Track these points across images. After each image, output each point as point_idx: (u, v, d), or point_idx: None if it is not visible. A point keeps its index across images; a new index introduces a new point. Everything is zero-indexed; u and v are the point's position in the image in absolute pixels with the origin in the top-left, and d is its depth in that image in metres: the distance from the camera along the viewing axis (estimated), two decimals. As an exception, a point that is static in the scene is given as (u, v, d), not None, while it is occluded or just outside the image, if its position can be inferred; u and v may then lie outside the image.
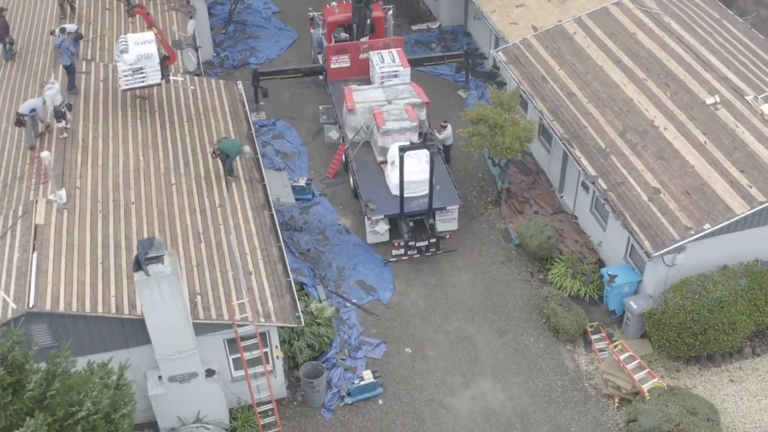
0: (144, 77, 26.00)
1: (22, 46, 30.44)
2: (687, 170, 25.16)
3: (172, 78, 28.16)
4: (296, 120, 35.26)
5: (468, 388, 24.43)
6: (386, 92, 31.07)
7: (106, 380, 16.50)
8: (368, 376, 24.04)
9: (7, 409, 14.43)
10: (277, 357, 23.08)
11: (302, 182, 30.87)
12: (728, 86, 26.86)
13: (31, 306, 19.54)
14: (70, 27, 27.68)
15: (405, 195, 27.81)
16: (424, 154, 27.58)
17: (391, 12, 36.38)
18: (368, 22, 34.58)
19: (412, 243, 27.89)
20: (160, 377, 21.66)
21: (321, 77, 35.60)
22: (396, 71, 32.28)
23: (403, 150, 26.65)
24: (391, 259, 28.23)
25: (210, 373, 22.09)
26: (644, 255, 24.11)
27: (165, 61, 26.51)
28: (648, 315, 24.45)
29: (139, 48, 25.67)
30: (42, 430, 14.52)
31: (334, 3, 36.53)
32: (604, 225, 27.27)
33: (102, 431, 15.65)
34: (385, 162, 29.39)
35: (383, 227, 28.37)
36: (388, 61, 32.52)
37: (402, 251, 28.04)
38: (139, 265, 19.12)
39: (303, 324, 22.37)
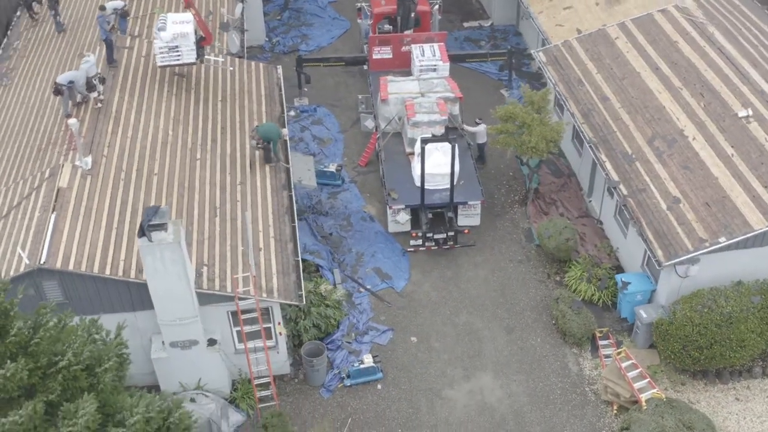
0: (179, 55, 26.83)
1: (75, 19, 31.71)
2: (710, 182, 24.82)
3: (213, 58, 29.02)
4: (338, 108, 35.83)
5: (468, 381, 24.61)
6: (421, 85, 31.40)
7: (94, 335, 17.19)
8: (368, 360, 24.45)
9: (-10, 351, 15.19)
10: (280, 333, 23.63)
11: (333, 168, 31.41)
12: (763, 100, 26.36)
13: (42, 262, 20.51)
14: (117, 4, 28.75)
15: (428, 187, 28.10)
16: (450, 148, 27.76)
17: (437, 7, 36.66)
18: (413, 15, 34.94)
19: (430, 234, 28.16)
20: (163, 342, 22.46)
21: (365, 67, 36.08)
22: (435, 65, 32.54)
23: (425, 142, 26.95)
24: (409, 249, 28.57)
25: (212, 342, 22.78)
26: (656, 263, 23.92)
27: (201, 42, 27.31)
28: (656, 325, 24.23)
29: (176, 27, 26.52)
30: (23, 374, 15.26)
31: (382, -6, 37.00)
32: (625, 231, 27.07)
33: (83, 382, 16.28)
34: (413, 153, 29.71)
35: (404, 217, 28.72)
36: (428, 55, 32.81)
37: (420, 242, 28.35)
38: (143, 231, 19.90)
39: (304, 303, 22.87)
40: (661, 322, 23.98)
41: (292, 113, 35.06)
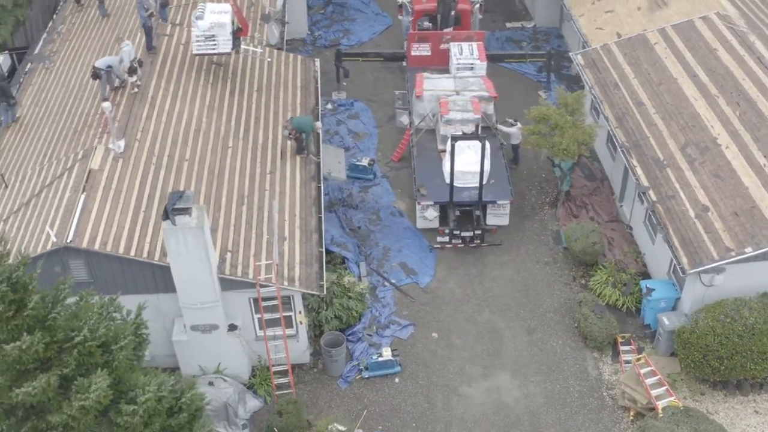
0: (215, 45, 27.25)
1: (119, 5, 32.37)
2: (740, 191, 24.52)
3: (251, 49, 29.43)
4: (375, 103, 36.05)
5: (486, 379, 24.66)
6: (456, 83, 31.47)
7: (112, 313, 17.58)
8: (387, 353, 24.62)
9: (8, 323, 15.64)
10: (301, 322, 23.90)
11: (365, 162, 31.64)
12: (801, 111, 26.00)
13: (69, 241, 21.03)
14: (155, -10, 29.39)
15: (457, 185, 28.19)
16: (482, 147, 27.80)
17: (478, 6, 36.62)
18: (453, 13, 34.96)
19: (456, 232, 28.25)
20: (184, 325, 22.86)
21: (404, 63, 36.22)
22: (472, 64, 32.57)
23: (455, 139, 27.05)
24: (435, 246, 28.70)
25: (232, 327, 23.12)
26: (680, 270, 23.74)
27: (238, 33, 27.71)
28: (678, 333, 24.03)
29: (214, 17, 26.96)
30: (38, 347, 15.69)
31: (424, -9, 37.04)
32: (653, 238, 26.85)
33: (98, 359, 16.66)
34: (445, 150, 29.79)
35: (432, 213, 28.83)
36: (466, 54, 32.86)
37: (446, 239, 28.48)
38: (167, 214, 20.31)
39: (324, 293, 23.13)
40: (683, 330, 23.77)
41: (330, 106, 35.36)
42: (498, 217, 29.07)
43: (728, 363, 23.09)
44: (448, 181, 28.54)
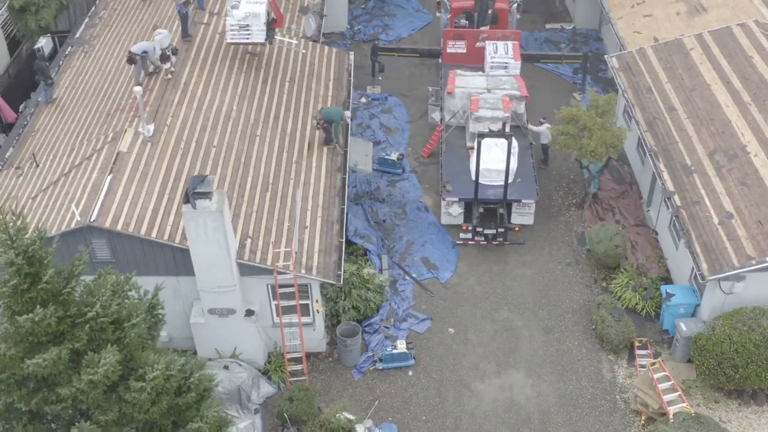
0: (249, 34, 27.72)
1: (160, -9, 33.10)
2: (766, 200, 24.23)
3: (287, 40, 29.80)
4: (409, 98, 36.24)
5: (499, 377, 24.75)
6: (488, 81, 31.54)
7: (127, 291, 18.04)
8: (402, 345, 24.82)
9: (22, 296, 16.16)
10: (317, 311, 24.22)
11: (394, 156, 31.85)
12: (834, 122, 25.62)
13: (92, 220, 21.59)
14: (189, -21, 29.91)
15: (483, 182, 28.29)
16: (512, 145, 27.81)
17: (516, 6, 36.56)
18: (490, 12, 34.95)
19: (479, 229, 28.35)
20: (202, 308, 23.31)
21: (440, 60, 36.32)
22: (506, 63, 32.58)
23: (481, 136, 27.13)
24: (458, 242, 28.82)
25: (249, 313, 23.51)
26: (699, 276, 23.60)
27: (272, 24, 28.11)
28: (694, 339, 23.88)
29: (249, 6, 27.43)
30: (51, 320, 16.18)
31: (462, -11, 37.08)
32: (677, 243, 26.67)
33: (109, 335, 17.10)
34: (473, 147, 29.87)
35: (456, 210, 28.97)
36: (501, 52, 32.89)
37: (469, 235, 28.60)
38: (187, 198, 20.74)
39: (341, 283, 23.39)
40: (700, 337, 23.62)
41: (364, 100, 35.64)
42: (523, 216, 29.12)
43: (743, 372, 22.88)
44: (474, 178, 28.65)
